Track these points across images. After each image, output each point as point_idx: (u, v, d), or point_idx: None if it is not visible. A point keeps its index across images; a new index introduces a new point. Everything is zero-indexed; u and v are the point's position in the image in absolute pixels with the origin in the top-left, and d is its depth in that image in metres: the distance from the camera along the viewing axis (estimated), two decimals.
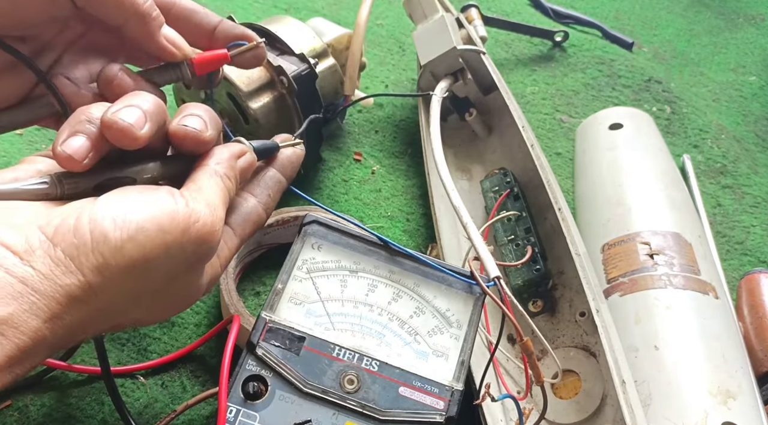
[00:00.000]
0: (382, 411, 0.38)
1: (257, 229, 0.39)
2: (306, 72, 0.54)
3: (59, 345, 0.29)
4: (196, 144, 0.35)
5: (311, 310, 0.41)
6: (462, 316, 0.41)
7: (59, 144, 0.31)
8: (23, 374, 0.28)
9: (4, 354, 0.26)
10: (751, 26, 0.88)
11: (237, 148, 0.37)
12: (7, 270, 0.27)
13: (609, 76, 0.76)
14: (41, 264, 0.28)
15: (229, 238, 0.37)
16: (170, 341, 0.49)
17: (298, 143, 0.41)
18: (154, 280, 0.32)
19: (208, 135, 0.35)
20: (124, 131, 0.31)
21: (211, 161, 0.35)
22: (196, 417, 0.46)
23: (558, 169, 0.66)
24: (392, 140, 0.66)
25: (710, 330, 0.46)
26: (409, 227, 0.59)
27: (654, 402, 0.43)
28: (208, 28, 0.41)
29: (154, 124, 0.33)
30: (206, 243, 0.32)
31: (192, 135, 0.35)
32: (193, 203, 0.32)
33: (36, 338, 0.27)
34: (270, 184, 0.39)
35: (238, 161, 0.36)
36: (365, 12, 0.58)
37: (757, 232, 0.63)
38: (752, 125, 0.75)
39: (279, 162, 0.40)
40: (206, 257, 0.34)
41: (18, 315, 0.27)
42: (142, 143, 0.32)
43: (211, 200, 0.33)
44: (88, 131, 0.32)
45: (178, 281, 0.33)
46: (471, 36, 0.62)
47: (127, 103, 0.32)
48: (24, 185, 0.31)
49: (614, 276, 0.50)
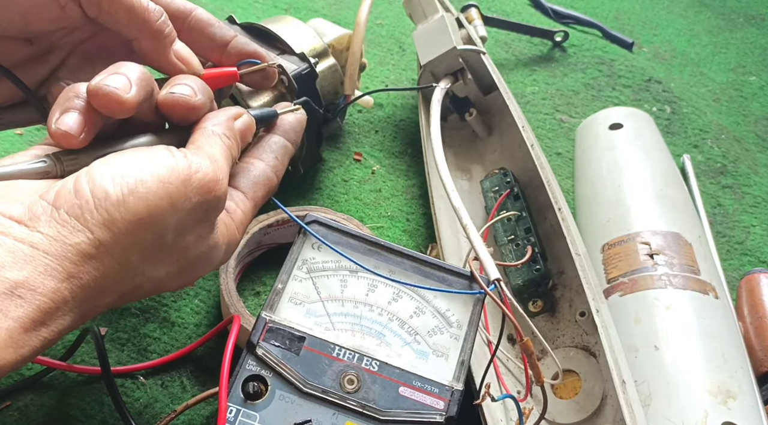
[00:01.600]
0: (382, 411, 0.38)
1: (269, 192, 0.39)
2: (306, 71, 0.54)
3: (83, 309, 0.30)
4: (185, 111, 0.35)
5: (311, 310, 0.41)
6: (462, 316, 0.42)
7: (53, 123, 0.32)
8: (52, 339, 0.28)
9: (26, 316, 0.27)
10: (751, 26, 0.88)
11: (233, 110, 0.37)
12: (15, 238, 0.28)
13: (609, 76, 0.76)
14: (48, 228, 0.28)
15: (240, 200, 0.37)
16: (170, 341, 0.49)
17: (296, 109, 0.42)
18: (165, 233, 0.32)
19: (197, 100, 0.35)
20: (109, 95, 0.32)
21: (207, 124, 0.35)
22: (196, 417, 0.46)
23: (558, 169, 0.66)
24: (392, 140, 0.66)
25: (710, 330, 0.46)
26: (409, 227, 0.59)
27: (654, 402, 0.43)
28: (221, 43, 0.41)
29: (140, 89, 0.33)
30: (211, 192, 0.32)
31: (181, 101, 0.35)
32: (192, 156, 0.32)
33: (56, 298, 0.28)
34: (275, 148, 0.40)
35: (235, 122, 0.37)
36: (365, 12, 0.58)
37: (757, 232, 0.63)
38: (752, 125, 0.75)
39: (282, 129, 0.40)
40: (214, 209, 0.34)
41: (34, 277, 0.27)
42: (130, 108, 0.32)
43: (211, 154, 0.33)
44: (79, 105, 0.32)
45: (190, 236, 0.33)
46: (471, 36, 0.62)
47: (112, 72, 0.33)
48: (23, 165, 0.31)
49: (614, 276, 0.50)
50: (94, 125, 0.33)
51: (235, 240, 0.37)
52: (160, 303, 0.51)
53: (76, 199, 0.29)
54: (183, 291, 0.52)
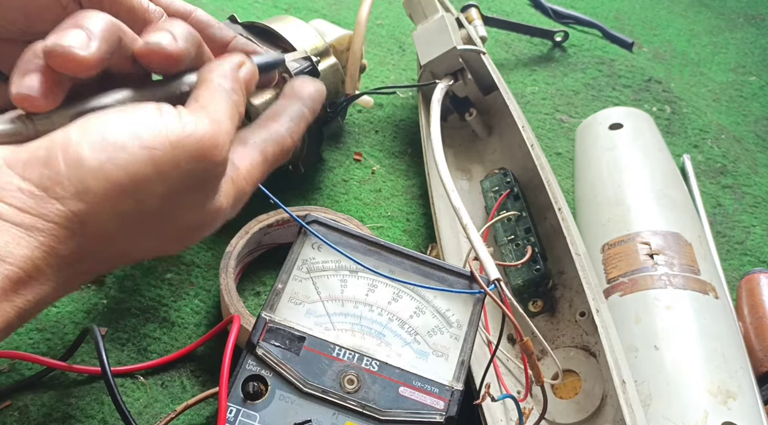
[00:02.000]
0: (382, 411, 0.38)
1: (283, 152, 0.36)
2: (308, 69, 0.54)
3: (62, 278, 0.28)
4: (164, 60, 0.32)
5: (311, 310, 0.41)
6: (462, 316, 0.42)
7: (13, 88, 0.29)
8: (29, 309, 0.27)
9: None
10: (751, 26, 0.88)
11: (236, 59, 0.35)
12: None
13: (609, 76, 0.76)
14: (15, 199, 0.27)
15: (249, 153, 0.34)
16: (170, 341, 0.49)
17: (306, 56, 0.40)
18: (150, 202, 0.29)
19: (176, 48, 0.32)
20: (65, 55, 0.29)
21: (213, 75, 0.33)
22: (196, 417, 0.46)
23: (558, 169, 0.66)
24: (392, 140, 0.66)
25: (710, 330, 0.46)
26: (409, 227, 0.59)
27: (654, 402, 0.43)
28: (221, 43, 0.40)
29: (103, 42, 0.30)
30: (206, 159, 0.30)
31: (156, 50, 0.32)
32: (187, 116, 0.30)
33: (27, 268, 0.27)
34: (290, 112, 0.37)
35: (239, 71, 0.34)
36: (365, 12, 0.58)
37: (757, 232, 0.63)
38: (752, 125, 0.75)
39: (299, 95, 0.38)
40: (212, 175, 0.31)
41: (1, 247, 0.26)
42: (90, 66, 0.30)
43: (215, 112, 0.31)
44: (39, 65, 0.29)
45: (184, 203, 0.31)
46: (471, 36, 0.62)
47: (71, 26, 0.30)
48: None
49: (614, 276, 0.50)
50: (60, 85, 0.30)
51: (242, 193, 0.34)
52: (160, 303, 0.51)
53: (45, 169, 0.27)
54: (183, 291, 0.52)
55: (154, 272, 0.52)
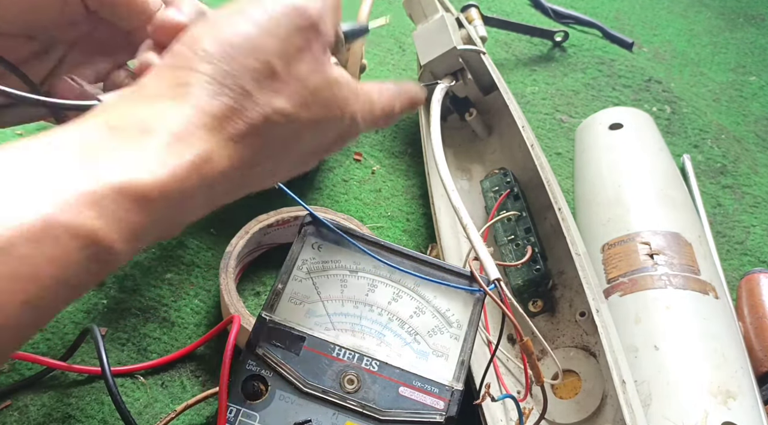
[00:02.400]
0: (382, 411, 0.38)
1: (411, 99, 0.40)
2: None
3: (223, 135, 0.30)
4: None
5: (311, 310, 0.41)
6: (462, 316, 0.42)
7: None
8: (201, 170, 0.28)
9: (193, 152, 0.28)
10: (751, 26, 0.88)
11: None
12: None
13: (609, 76, 0.76)
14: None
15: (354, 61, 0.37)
16: (170, 341, 0.49)
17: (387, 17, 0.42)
18: (269, 60, 0.31)
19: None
20: None
21: None
22: (196, 417, 0.46)
23: (558, 169, 0.66)
24: (392, 140, 0.66)
25: (710, 330, 0.46)
26: (409, 227, 0.59)
27: (654, 402, 0.43)
28: None
29: None
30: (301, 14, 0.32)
31: None
32: None
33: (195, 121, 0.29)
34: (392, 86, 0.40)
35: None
36: (365, 12, 0.58)
37: (757, 232, 0.63)
38: (752, 125, 0.75)
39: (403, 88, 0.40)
40: (314, 34, 0.33)
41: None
42: None
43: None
44: None
45: (300, 64, 0.32)
46: (471, 36, 0.62)
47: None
48: None
49: (614, 276, 0.50)
50: None
51: (371, 96, 0.37)
52: (160, 303, 0.51)
53: (180, 45, 0.31)
54: (183, 291, 0.52)
55: (154, 272, 0.52)
